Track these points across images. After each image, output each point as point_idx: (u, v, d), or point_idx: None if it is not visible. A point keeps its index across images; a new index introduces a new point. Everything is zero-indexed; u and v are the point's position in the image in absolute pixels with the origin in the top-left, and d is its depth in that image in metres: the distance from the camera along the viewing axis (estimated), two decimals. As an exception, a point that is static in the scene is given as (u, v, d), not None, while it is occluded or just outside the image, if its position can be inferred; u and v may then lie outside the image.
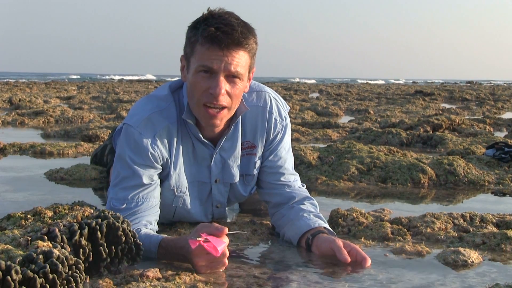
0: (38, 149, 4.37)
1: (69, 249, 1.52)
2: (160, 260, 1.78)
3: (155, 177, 1.97)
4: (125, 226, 1.63)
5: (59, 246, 1.48)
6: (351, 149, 3.65)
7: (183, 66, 1.96)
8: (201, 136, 2.01)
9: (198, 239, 1.60)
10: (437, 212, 2.31)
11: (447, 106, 12.26)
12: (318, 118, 7.96)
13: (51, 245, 1.48)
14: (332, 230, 2.01)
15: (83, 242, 1.55)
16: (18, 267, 1.32)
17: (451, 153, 4.14)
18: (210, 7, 1.89)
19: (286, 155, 2.18)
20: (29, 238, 1.52)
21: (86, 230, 1.57)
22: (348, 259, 1.77)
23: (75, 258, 1.44)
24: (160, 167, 1.98)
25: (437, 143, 4.87)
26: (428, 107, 10.92)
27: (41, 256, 1.38)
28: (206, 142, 2.03)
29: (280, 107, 2.15)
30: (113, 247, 1.60)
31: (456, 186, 3.23)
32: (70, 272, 1.40)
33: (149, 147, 1.93)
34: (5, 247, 1.44)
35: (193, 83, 1.88)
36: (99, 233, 1.58)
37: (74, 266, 1.42)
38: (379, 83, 44.60)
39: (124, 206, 1.91)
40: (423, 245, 1.98)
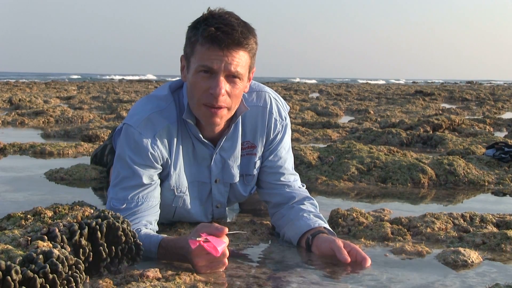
0: (38, 149, 4.37)
1: (69, 249, 1.52)
2: (160, 260, 1.77)
3: (155, 177, 1.97)
4: (125, 226, 1.63)
5: (59, 246, 1.48)
6: (351, 149, 3.65)
7: (183, 66, 1.96)
8: (201, 136, 2.01)
9: (198, 239, 1.60)
10: (437, 212, 2.31)
11: (447, 106, 12.26)
12: (318, 118, 7.96)
13: (51, 245, 1.48)
14: (332, 230, 2.01)
15: (83, 242, 1.55)
16: (18, 267, 1.32)
17: (451, 153, 4.14)
18: (210, 7, 1.89)
19: (286, 155, 2.18)
20: (29, 238, 1.52)
21: (86, 230, 1.57)
22: (348, 259, 1.77)
23: (75, 258, 1.44)
24: (160, 167, 1.98)
25: (437, 143, 4.87)
26: (428, 107, 10.92)
27: (41, 256, 1.38)
28: (206, 142, 2.03)
29: (280, 107, 2.15)
30: (113, 247, 1.60)
31: (456, 186, 3.23)
32: (70, 272, 1.40)
33: (149, 147, 1.93)
34: (5, 247, 1.44)
35: (193, 83, 1.88)
36: (99, 233, 1.58)
37: (74, 266, 1.42)
38: (379, 83, 44.58)
39: (124, 206, 1.91)
40: (423, 245, 1.98)
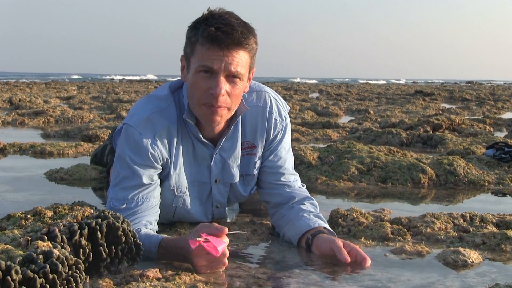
0: (38, 149, 4.37)
1: (69, 249, 1.52)
2: (160, 260, 1.77)
3: (155, 177, 1.97)
4: (125, 226, 1.63)
5: (59, 246, 1.48)
6: (351, 149, 3.65)
7: (183, 66, 1.96)
8: (201, 136, 2.01)
9: (198, 239, 1.60)
10: (437, 212, 2.31)
11: (447, 106, 12.26)
12: (318, 118, 7.96)
13: (51, 245, 1.48)
14: (332, 230, 2.01)
15: (83, 242, 1.55)
16: (18, 267, 1.32)
17: (451, 153, 4.14)
18: (210, 7, 1.89)
19: (286, 155, 2.18)
20: (29, 238, 1.52)
21: (86, 230, 1.57)
22: (348, 259, 1.77)
23: (75, 258, 1.44)
24: (160, 167, 1.98)
25: (437, 143, 4.87)
26: (428, 107, 10.92)
27: (41, 256, 1.38)
28: (206, 142, 2.03)
29: (280, 107, 2.15)
30: (113, 247, 1.60)
31: (456, 186, 3.23)
32: (70, 272, 1.40)
33: (149, 147, 1.93)
34: (5, 247, 1.44)
35: (193, 83, 1.88)
36: (99, 233, 1.58)
37: (74, 266, 1.42)
38: (380, 83, 44.57)
39: (124, 206, 1.91)
40: (423, 245, 1.98)
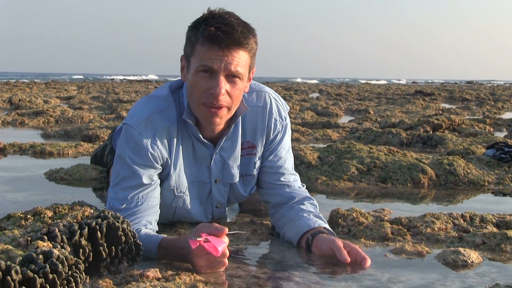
0: (38, 149, 4.37)
1: (69, 249, 1.52)
2: (160, 260, 1.77)
3: (155, 177, 1.97)
4: (125, 226, 1.63)
5: (59, 246, 1.48)
6: (351, 149, 3.65)
7: (183, 66, 1.96)
8: (201, 136, 2.01)
9: (198, 239, 1.60)
10: (437, 212, 2.31)
11: (447, 106, 12.26)
12: (318, 118, 7.96)
13: (51, 245, 1.48)
14: (332, 230, 2.01)
15: (83, 242, 1.55)
16: (18, 267, 1.32)
17: (451, 153, 4.14)
18: (210, 7, 1.89)
19: (286, 155, 2.18)
20: (29, 238, 1.52)
21: (86, 230, 1.57)
22: (348, 259, 1.77)
23: (75, 258, 1.44)
24: (160, 167, 1.98)
25: (437, 143, 4.87)
26: (428, 107, 10.92)
27: (41, 256, 1.38)
28: (206, 142, 2.03)
29: (280, 107, 2.15)
30: (113, 247, 1.60)
31: (456, 186, 3.23)
32: (70, 272, 1.40)
33: (149, 147, 1.93)
34: (5, 247, 1.44)
35: (193, 83, 1.88)
36: (99, 233, 1.58)
37: (74, 266, 1.42)
38: (380, 83, 44.57)
39: (124, 206, 1.91)
40: (423, 245, 1.98)
